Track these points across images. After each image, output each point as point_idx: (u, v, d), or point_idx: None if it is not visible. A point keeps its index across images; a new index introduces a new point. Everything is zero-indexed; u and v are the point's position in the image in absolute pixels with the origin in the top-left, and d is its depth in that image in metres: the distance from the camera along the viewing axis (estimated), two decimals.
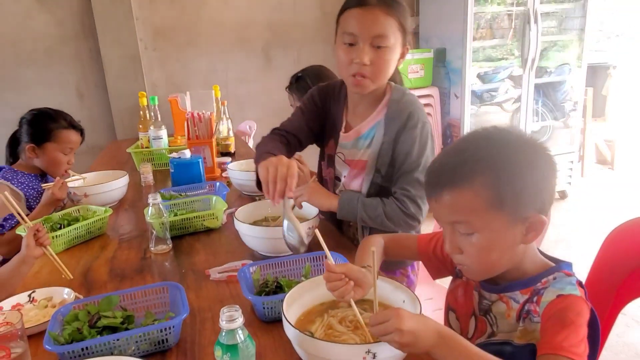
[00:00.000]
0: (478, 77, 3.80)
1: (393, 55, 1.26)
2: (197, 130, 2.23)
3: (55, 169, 1.92)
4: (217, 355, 0.77)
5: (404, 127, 1.33)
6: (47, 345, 0.89)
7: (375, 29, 1.20)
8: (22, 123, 1.91)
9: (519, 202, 0.81)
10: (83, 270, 1.36)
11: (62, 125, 1.91)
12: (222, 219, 1.62)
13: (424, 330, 0.75)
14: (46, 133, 1.87)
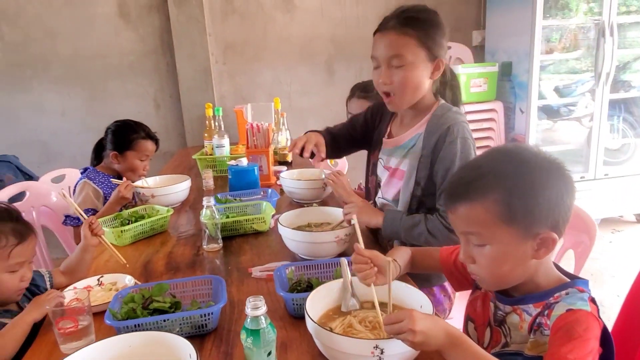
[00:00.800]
0: (555, 90, 3.66)
1: (415, 72, 1.33)
2: (256, 140, 2.38)
3: (132, 174, 2.15)
4: (242, 337, 0.88)
5: (443, 142, 1.37)
6: (107, 320, 1.04)
7: (389, 50, 1.31)
8: (108, 132, 2.17)
9: (530, 219, 0.84)
10: (144, 262, 1.53)
11: (141, 136, 2.15)
12: (270, 223, 1.74)
13: (435, 330, 0.80)
14: (127, 142, 2.12)
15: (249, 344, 0.86)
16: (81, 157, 3.04)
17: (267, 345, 0.87)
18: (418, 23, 1.31)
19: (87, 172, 2.10)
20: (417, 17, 1.31)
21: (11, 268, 1.18)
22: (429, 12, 1.36)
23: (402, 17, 1.31)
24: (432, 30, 1.33)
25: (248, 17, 3.61)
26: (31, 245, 1.23)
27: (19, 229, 1.20)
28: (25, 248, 1.20)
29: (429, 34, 1.32)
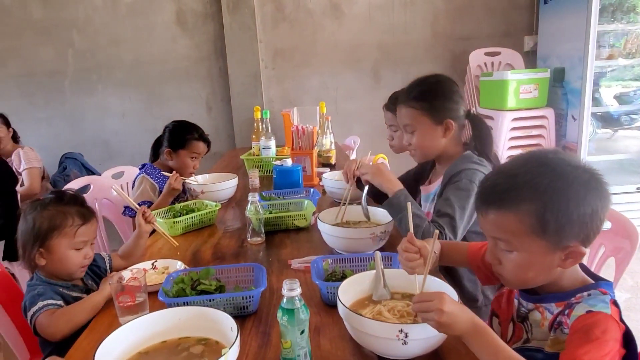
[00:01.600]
0: (616, 98, 3.54)
1: (425, 135, 1.56)
2: (300, 142, 2.48)
3: (183, 170, 2.30)
4: (278, 316, 0.96)
5: (450, 182, 1.51)
6: (160, 296, 1.15)
7: (401, 120, 1.59)
8: (165, 130, 2.34)
9: (561, 233, 0.85)
10: (193, 251, 1.66)
11: (195, 137, 2.31)
12: (310, 220, 1.83)
13: (462, 316, 0.85)
14: (181, 141, 2.28)
15: (284, 321, 0.94)
16: (139, 156, 3.26)
17: (300, 323, 0.95)
18: (419, 95, 1.53)
19: (145, 168, 2.27)
20: (418, 90, 1.55)
21: (76, 246, 1.33)
22: (429, 84, 1.57)
23: (406, 93, 1.56)
24: (434, 99, 1.53)
25: (297, 24, 3.74)
26: (93, 227, 1.39)
27: (83, 211, 1.36)
28: (88, 229, 1.36)
29: (431, 104, 1.52)
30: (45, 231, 1.30)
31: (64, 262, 1.32)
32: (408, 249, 1.06)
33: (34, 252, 1.30)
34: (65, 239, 1.31)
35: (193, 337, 1.01)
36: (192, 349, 0.97)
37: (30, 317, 1.22)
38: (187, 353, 0.96)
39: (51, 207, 1.33)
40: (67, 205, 1.35)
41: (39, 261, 1.32)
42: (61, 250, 1.31)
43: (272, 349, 1.04)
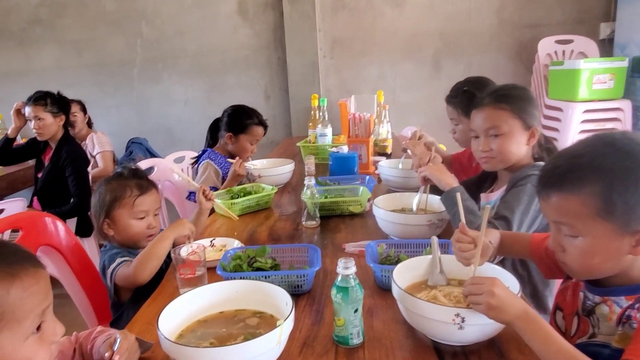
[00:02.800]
0: None
1: (512, 139, 1.44)
2: (357, 130, 2.47)
3: (242, 154, 2.35)
4: (332, 294, 0.96)
5: (512, 187, 1.42)
6: (218, 270, 1.19)
7: (487, 122, 1.46)
8: (224, 115, 2.40)
9: (630, 215, 0.80)
10: (250, 232, 1.70)
11: (255, 122, 2.36)
12: (365, 206, 1.82)
13: (513, 301, 0.82)
14: (242, 126, 2.34)
15: (338, 299, 0.94)
16: (199, 142, 3.36)
17: (354, 302, 0.95)
18: (510, 98, 1.44)
19: (208, 154, 2.35)
20: (508, 94, 1.46)
21: (136, 215, 1.43)
22: (518, 89, 1.50)
23: (496, 95, 1.46)
24: (524, 103, 1.44)
25: (357, 12, 3.71)
26: (152, 197, 1.47)
27: (142, 183, 1.46)
28: (147, 199, 1.44)
29: (522, 107, 1.43)
30: (108, 203, 1.42)
31: (127, 230, 1.43)
32: (461, 239, 1.03)
33: (102, 222, 1.42)
34: (125, 210, 1.42)
35: (249, 310, 1.03)
36: (248, 321, 1.00)
37: (110, 273, 1.32)
38: (243, 324, 0.99)
39: (113, 181, 1.46)
40: (126, 178, 1.46)
41: (108, 231, 1.43)
42: (124, 220, 1.42)
43: (325, 327, 1.05)
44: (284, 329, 0.86)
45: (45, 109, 2.65)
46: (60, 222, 1.57)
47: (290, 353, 0.95)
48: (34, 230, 1.50)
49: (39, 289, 0.71)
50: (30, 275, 0.70)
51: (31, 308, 0.70)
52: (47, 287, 0.74)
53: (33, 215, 1.51)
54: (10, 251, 0.73)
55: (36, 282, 0.71)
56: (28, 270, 0.71)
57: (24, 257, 0.72)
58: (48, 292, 0.74)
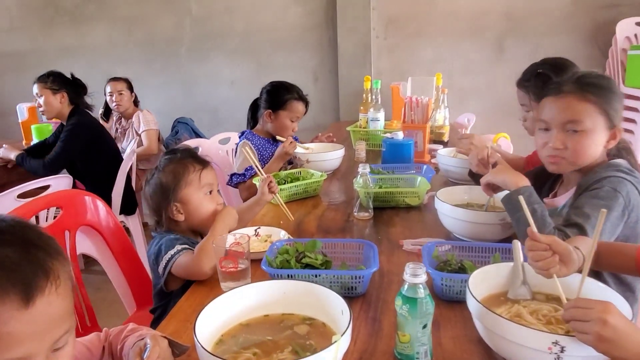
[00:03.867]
0: None
1: (591, 139, 1.20)
2: (413, 115, 2.28)
3: (282, 133, 2.19)
4: (397, 304, 0.81)
5: (585, 191, 1.18)
6: (263, 265, 1.07)
7: (567, 114, 1.20)
8: (262, 92, 2.27)
9: None
10: (297, 221, 1.57)
11: (294, 97, 2.21)
12: (423, 198, 1.65)
13: (633, 334, 0.64)
14: (281, 102, 2.19)
15: (404, 311, 0.79)
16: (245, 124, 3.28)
17: (423, 316, 0.79)
18: (598, 89, 1.20)
19: (245, 134, 2.23)
20: (596, 83, 1.22)
21: (205, 190, 1.34)
22: (607, 79, 1.27)
23: (581, 82, 1.22)
24: (612, 97, 1.21)
25: None
26: (213, 172, 1.39)
27: (199, 159, 1.37)
28: (209, 173, 1.36)
29: (609, 101, 1.20)
30: (172, 185, 1.31)
31: (201, 209, 1.32)
32: (532, 247, 0.86)
33: (171, 208, 1.31)
34: (192, 186, 1.32)
35: (298, 315, 0.90)
36: (297, 329, 0.87)
37: (167, 260, 1.20)
38: (291, 332, 0.86)
39: (169, 163, 1.35)
40: (182, 157, 1.35)
41: (178, 217, 1.32)
42: (194, 198, 1.32)
43: (384, 340, 0.90)
44: (340, 346, 0.72)
45: (45, 85, 2.63)
46: (101, 201, 1.49)
47: None
48: (73, 209, 1.43)
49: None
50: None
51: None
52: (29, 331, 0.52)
53: (73, 193, 1.45)
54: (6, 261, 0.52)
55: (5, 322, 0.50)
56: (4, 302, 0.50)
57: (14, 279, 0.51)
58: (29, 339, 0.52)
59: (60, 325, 0.56)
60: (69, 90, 2.65)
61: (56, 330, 0.55)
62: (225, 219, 1.29)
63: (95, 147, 2.67)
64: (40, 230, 0.59)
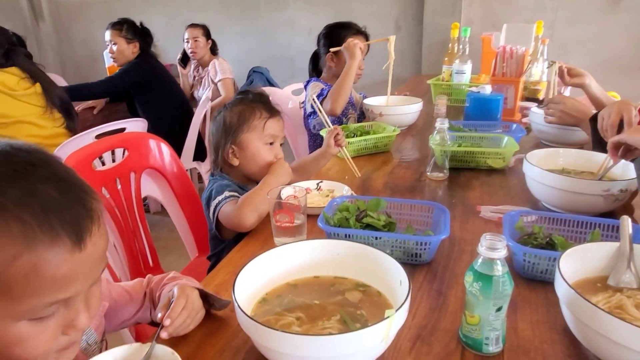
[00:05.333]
0: None
1: None
2: (505, 67, 2.03)
3: None
4: (466, 280, 0.69)
5: None
6: (320, 222, 0.98)
7: None
8: (320, 38, 2.12)
9: None
10: (363, 177, 1.45)
11: (352, 32, 2.04)
12: (509, 161, 1.45)
13: None
14: (340, 40, 2.03)
15: (476, 289, 0.67)
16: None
17: (498, 297, 0.66)
18: None
19: (313, 79, 2.11)
20: None
21: (266, 140, 1.27)
22: None
23: None
24: None
25: None
26: (280, 124, 1.31)
27: (270, 107, 1.30)
28: (275, 123, 1.29)
29: None
30: (235, 126, 1.26)
31: (257, 157, 1.27)
32: None
33: (227, 149, 1.26)
34: (254, 133, 1.26)
35: (351, 280, 0.81)
36: (348, 295, 0.77)
37: (215, 206, 1.17)
38: (341, 298, 0.77)
39: (238, 104, 1.30)
40: (252, 101, 1.30)
41: (232, 160, 1.28)
42: (253, 144, 1.26)
43: (448, 317, 0.78)
44: (394, 323, 0.61)
45: (120, 34, 2.68)
46: (166, 145, 1.48)
47: (398, 348, 0.71)
48: (138, 151, 1.42)
49: (57, 275, 0.48)
50: (55, 252, 0.48)
51: (33, 295, 0.48)
52: (77, 273, 0.50)
53: (138, 136, 1.44)
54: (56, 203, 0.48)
55: (58, 266, 0.48)
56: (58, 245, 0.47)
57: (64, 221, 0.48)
58: (76, 279, 0.50)
59: (101, 264, 0.55)
60: (140, 40, 2.71)
61: (98, 269, 0.54)
62: (277, 173, 1.22)
63: (155, 87, 2.74)
64: (63, 163, 0.54)
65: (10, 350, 0.51)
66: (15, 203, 0.46)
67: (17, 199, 0.46)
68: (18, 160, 0.49)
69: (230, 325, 0.77)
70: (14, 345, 0.50)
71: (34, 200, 0.47)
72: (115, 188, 1.37)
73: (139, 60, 2.74)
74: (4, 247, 0.45)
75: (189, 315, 0.71)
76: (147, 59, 2.76)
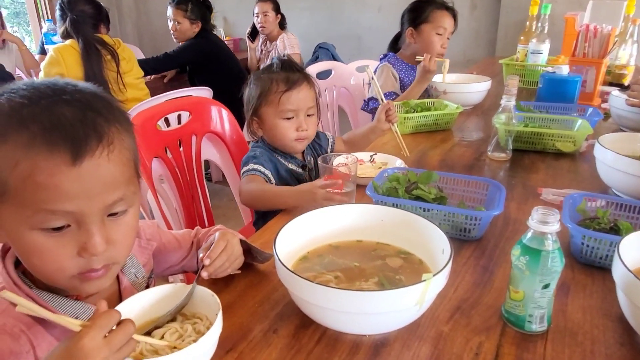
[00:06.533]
0: None
1: None
2: (587, 47, 1.87)
3: (429, 51, 1.92)
4: (513, 254, 0.65)
5: None
6: (368, 190, 0.97)
7: None
8: (404, 13, 2.05)
9: None
10: (419, 153, 1.42)
11: (436, 5, 1.94)
12: (581, 145, 1.36)
13: None
14: (422, 14, 1.95)
15: (522, 263, 0.63)
16: None
17: (546, 274, 0.63)
18: None
19: (387, 57, 2.07)
20: None
21: (282, 115, 1.20)
22: None
23: None
24: None
25: None
26: (303, 94, 1.20)
27: (291, 77, 1.20)
28: (295, 96, 1.19)
29: None
30: (255, 99, 1.22)
31: (274, 131, 1.22)
32: None
33: (252, 121, 1.25)
34: (270, 107, 1.21)
35: (393, 247, 0.80)
36: (389, 260, 0.77)
37: (241, 174, 1.19)
38: (381, 262, 0.76)
39: (263, 74, 1.24)
40: (274, 72, 1.22)
41: (258, 132, 1.26)
42: (270, 119, 1.22)
43: (492, 294, 0.75)
44: (430, 287, 0.60)
45: (185, 14, 2.78)
46: (227, 112, 1.52)
47: (435, 317, 0.70)
48: (200, 116, 1.48)
49: (53, 184, 0.51)
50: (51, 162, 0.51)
51: (34, 200, 0.51)
52: (78, 187, 0.52)
53: (200, 101, 1.49)
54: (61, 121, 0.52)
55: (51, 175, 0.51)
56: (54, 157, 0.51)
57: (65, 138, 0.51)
58: (77, 196, 0.53)
59: (111, 191, 0.56)
60: (202, 20, 2.83)
61: (106, 194, 0.56)
62: (302, 197, 1.02)
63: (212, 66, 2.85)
64: (110, 100, 0.59)
65: (30, 261, 0.57)
66: (31, 117, 0.51)
67: (34, 114, 0.51)
68: (57, 86, 0.55)
69: (271, 280, 0.79)
70: (31, 255, 0.56)
71: (47, 117, 0.51)
72: (177, 149, 1.43)
73: (197, 40, 2.87)
74: (9, 154, 0.50)
75: (228, 258, 0.73)
76: (206, 37, 2.87)
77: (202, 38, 2.87)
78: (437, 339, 0.66)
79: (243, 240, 0.79)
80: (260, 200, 1.13)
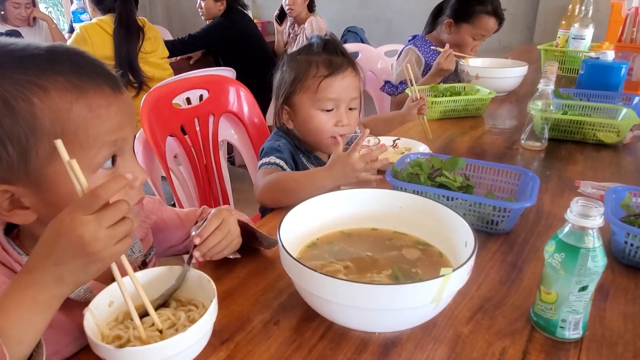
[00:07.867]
0: None
1: None
2: (635, 33, 1.73)
3: (460, 49, 1.88)
4: (546, 250, 0.58)
5: None
6: (387, 176, 0.90)
7: None
8: None
9: None
10: (446, 139, 1.34)
11: (487, 9, 1.82)
12: (626, 136, 1.25)
13: None
14: (468, 13, 1.84)
15: (556, 261, 0.56)
16: None
17: (585, 274, 0.55)
18: None
19: (415, 40, 1.97)
20: None
21: (321, 105, 1.03)
22: None
23: None
24: None
25: None
26: (347, 82, 1.03)
27: (333, 59, 1.03)
28: (338, 83, 1.02)
29: None
30: (288, 84, 1.05)
31: (308, 124, 1.04)
32: None
33: (281, 110, 1.08)
34: (306, 95, 1.03)
35: (410, 236, 0.73)
36: (405, 251, 0.70)
37: (258, 166, 1.06)
38: (397, 253, 0.69)
39: (300, 55, 1.07)
40: (314, 53, 1.04)
41: (288, 123, 1.09)
42: (304, 109, 1.04)
43: (521, 294, 0.68)
44: (449, 283, 0.53)
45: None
46: (247, 91, 1.46)
47: (454, 316, 0.63)
48: (218, 95, 1.43)
49: (109, 114, 0.56)
50: (101, 94, 0.55)
51: (98, 134, 0.55)
52: (123, 115, 0.58)
53: (219, 79, 1.44)
54: (85, 62, 0.57)
55: (107, 105, 0.56)
56: (101, 89, 0.56)
57: (99, 73, 0.56)
58: (124, 123, 0.58)
59: (134, 121, 0.61)
60: None
61: (134, 124, 0.61)
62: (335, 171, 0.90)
63: (238, 46, 2.84)
64: None
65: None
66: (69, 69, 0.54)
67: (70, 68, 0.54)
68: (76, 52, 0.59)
69: (276, 267, 0.74)
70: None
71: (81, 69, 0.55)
72: (193, 128, 1.39)
73: (223, 19, 2.88)
74: (62, 97, 0.53)
75: (224, 237, 0.67)
76: (232, 18, 2.86)
77: (227, 19, 2.85)
78: (455, 341, 0.59)
79: (247, 224, 0.73)
80: (283, 192, 0.93)
